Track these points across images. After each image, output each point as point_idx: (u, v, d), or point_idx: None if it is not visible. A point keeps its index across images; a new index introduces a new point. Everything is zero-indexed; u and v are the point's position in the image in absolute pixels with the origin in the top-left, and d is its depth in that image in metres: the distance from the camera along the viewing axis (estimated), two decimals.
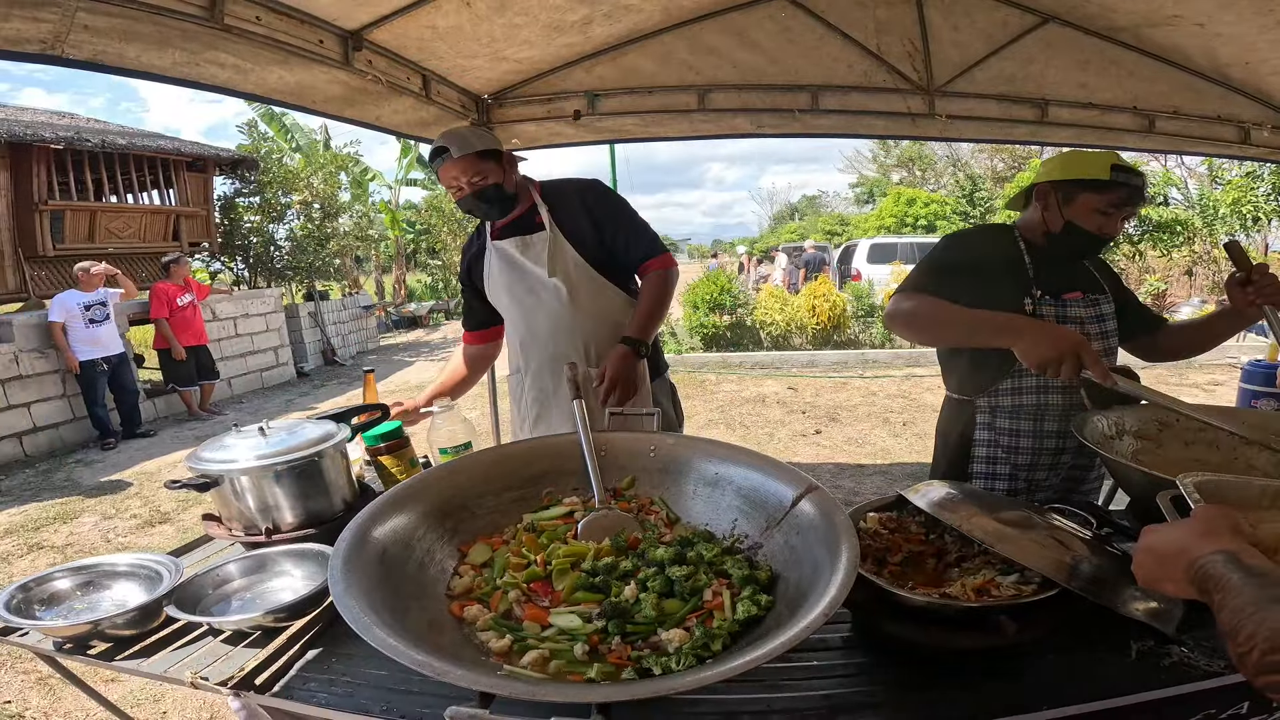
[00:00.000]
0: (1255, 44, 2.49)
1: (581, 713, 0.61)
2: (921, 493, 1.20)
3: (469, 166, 1.82)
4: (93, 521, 4.51)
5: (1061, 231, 1.65)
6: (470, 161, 1.81)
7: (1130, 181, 1.58)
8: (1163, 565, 0.70)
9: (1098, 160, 1.61)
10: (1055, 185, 1.64)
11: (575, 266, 1.91)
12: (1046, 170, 1.69)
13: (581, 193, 1.97)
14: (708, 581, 0.93)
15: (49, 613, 1.19)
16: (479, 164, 1.82)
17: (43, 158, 7.18)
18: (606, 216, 1.94)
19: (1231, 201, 11.14)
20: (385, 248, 18.11)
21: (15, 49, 1.46)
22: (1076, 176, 1.61)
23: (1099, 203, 1.59)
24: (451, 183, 1.85)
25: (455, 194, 1.88)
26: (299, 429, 1.52)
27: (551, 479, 1.23)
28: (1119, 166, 1.57)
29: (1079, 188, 1.60)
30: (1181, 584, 0.67)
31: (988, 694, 0.91)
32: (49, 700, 2.52)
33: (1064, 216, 1.64)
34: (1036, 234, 1.71)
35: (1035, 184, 1.71)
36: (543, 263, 1.89)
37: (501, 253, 1.96)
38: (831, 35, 2.87)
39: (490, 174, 1.84)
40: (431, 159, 1.85)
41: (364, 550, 0.89)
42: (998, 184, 21.34)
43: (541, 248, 1.90)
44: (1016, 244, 1.72)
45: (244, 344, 8.91)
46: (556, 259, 1.90)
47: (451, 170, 1.82)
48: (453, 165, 1.81)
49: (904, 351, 9.23)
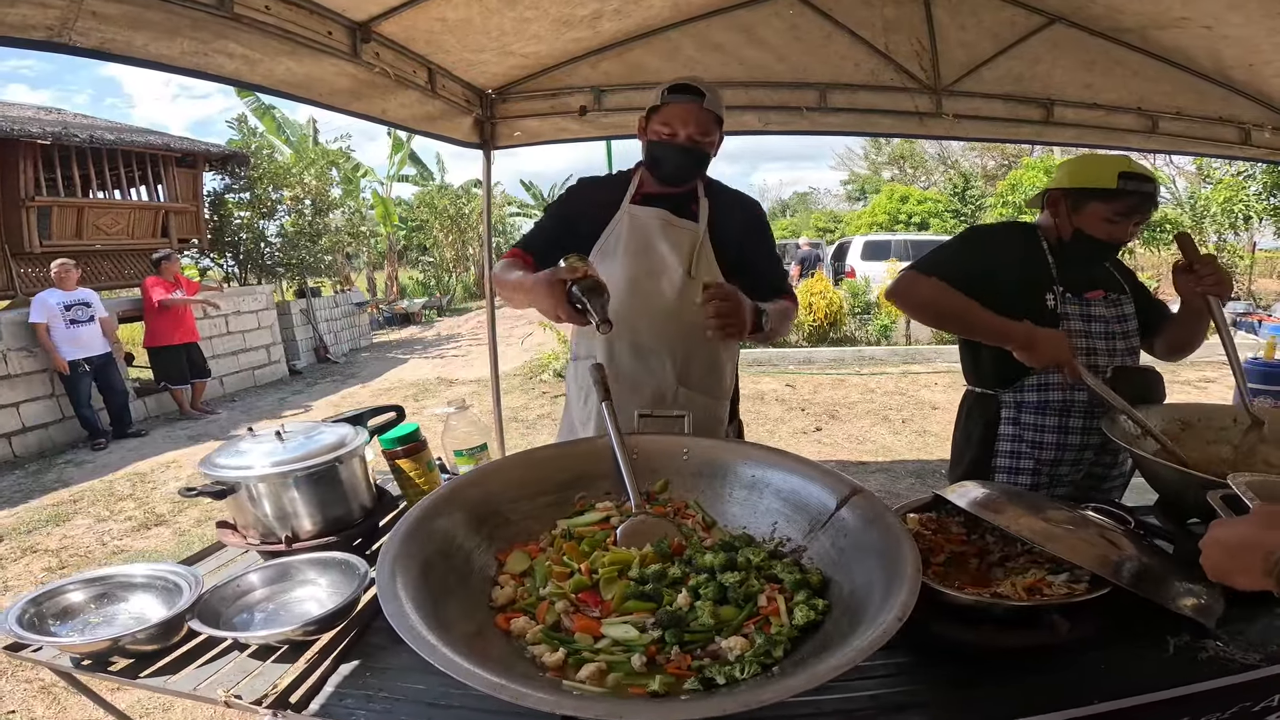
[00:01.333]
0: (1260, 46, 2.50)
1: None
2: (960, 493, 1.19)
3: (706, 121, 1.66)
4: (86, 524, 4.43)
5: (1072, 239, 1.66)
6: (711, 118, 1.67)
7: (1140, 189, 1.57)
8: (1234, 558, 0.72)
9: (1106, 167, 1.60)
10: (1065, 193, 1.65)
11: (706, 267, 1.76)
12: (1058, 177, 1.70)
13: (741, 204, 1.86)
14: (760, 587, 0.91)
15: (64, 627, 1.14)
16: (713, 127, 1.68)
17: (29, 153, 7.04)
18: (758, 237, 1.85)
19: (1223, 200, 11.26)
20: (377, 244, 17.97)
21: (20, 35, 1.41)
22: (1084, 185, 1.61)
23: (1107, 211, 1.59)
24: (674, 123, 1.65)
25: (662, 134, 1.68)
26: (316, 433, 1.48)
27: (584, 483, 1.21)
28: (1127, 174, 1.56)
29: (1087, 196, 1.61)
30: (1255, 575, 0.68)
31: (1031, 691, 0.92)
32: (54, 710, 2.47)
33: (1073, 224, 1.65)
34: (1052, 236, 1.73)
35: (1048, 189, 1.72)
36: (682, 253, 1.73)
37: (637, 220, 1.75)
38: (839, 33, 2.85)
39: (712, 143, 1.71)
40: (669, 91, 1.67)
41: (410, 564, 0.86)
42: (989, 182, 21.48)
43: (687, 239, 1.74)
44: (1040, 243, 1.73)
45: (235, 341, 8.80)
46: (701, 258, 1.75)
47: (684, 113, 1.65)
48: (691, 110, 1.64)
49: (900, 349, 9.27)
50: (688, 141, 1.67)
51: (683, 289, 1.72)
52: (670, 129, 1.66)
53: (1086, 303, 1.70)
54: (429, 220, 18.81)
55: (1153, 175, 1.64)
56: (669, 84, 1.69)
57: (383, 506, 1.56)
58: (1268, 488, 0.97)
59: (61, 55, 1.53)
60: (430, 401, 7.47)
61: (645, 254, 1.74)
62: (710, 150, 1.72)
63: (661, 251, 1.74)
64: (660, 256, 1.74)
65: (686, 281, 1.72)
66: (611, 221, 1.77)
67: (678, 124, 1.66)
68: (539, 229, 1.85)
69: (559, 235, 1.77)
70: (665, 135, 1.67)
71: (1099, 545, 1.01)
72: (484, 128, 3.23)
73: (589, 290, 1.32)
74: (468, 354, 10.92)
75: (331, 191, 12.86)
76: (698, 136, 1.66)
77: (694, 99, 1.65)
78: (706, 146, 1.70)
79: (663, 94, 1.68)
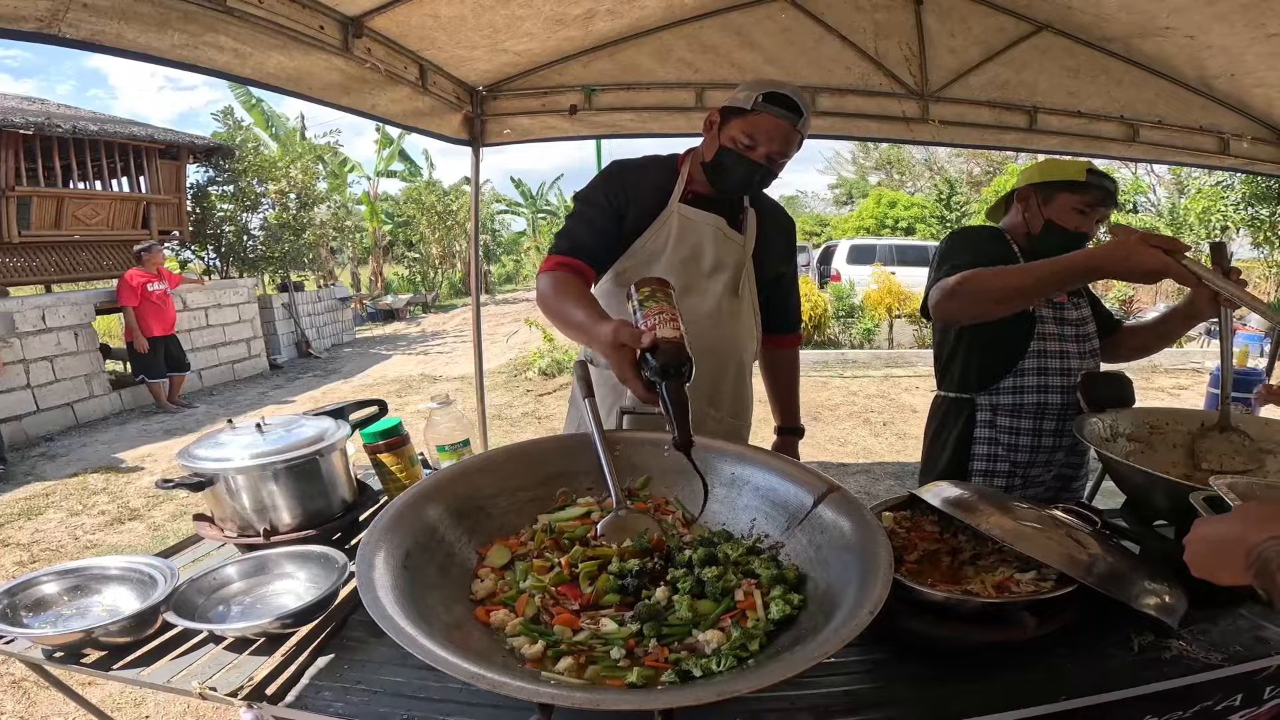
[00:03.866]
0: (1243, 56, 2.56)
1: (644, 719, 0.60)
2: (934, 492, 1.21)
3: (791, 140, 1.50)
4: (59, 518, 4.36)
5: (1042, 231, 1.73)
6: (796, 139, 1.51)
7: (1103, 184, 1.69)
8: (1218, 554, 0.74)
9: (1073, 165, 1.77)
10: (1036, 188, 1.74)
11: (749, 287, 1.67)
12: (1026, 176, 1.79)
13: (783, 223, 1.75)
14: (737, 582, 0.92)
15: (36, 619, 1.12)
16: (793, 149, 1.53)
17: (11, 143, 6.92)
18: (789, 260, 1.74)
19: (1201, 210, 11.48)
20: (362, 239, 17.82)
21: (11, 27, 1.40)
22: (1055, 179, 1.72)
23: (1076, 202, 1.68)
24: (759, 136, 1.47)
25: (740, 144, 1.49)
26: (297, 426, 1.47)
27: (565, 479, 1.21)
28: (1093, 170, 1.70)
29: (1057, 188, 1.70)
30: (1237, 570, 0.70)
31: (999, 687, 0.94)
32: (24, 705, 2.43)
33: (1044, 216, 1.72)
34: (1019, 236, 1.78)
35: (1016, 189, 1.81)
36: (726, 267, 1.61)
37: (690, 223, 1.59)
38: (830, 37, 2.89)
39: (784, 165, 1.56)
40: (764, 99, 1.47)
41: (390, 557, 0.86)
42: (974, 188, 21.73)
43: (734, 253, 1.62)
44: (1011, 246, 1.77)
45: (215, 335, 8.70)
46: (745, 276, 1.64)
47: (773, 129, 1.47)
48: (782, 127, 1.47)
49: (883, 352, 9.37)
50: (764, 159, 1.50)
51: (722, 305, 1.61)
52: (752, 141, 1.48)
53: (1059, 306, 1.75)
54: (416, 216, 18.67)
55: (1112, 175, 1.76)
56: (763, 89, 1.48)
57: (363, 501, 1.55)
58: (1248, 489, 1.00)
59: (46, 46, 1.52)
60: (414, 398, 7.43)
61: (694, 263, 1.59)
62: (777, 171, 1.55)
63: (709, 263, 1.60)
64: (707, 269, 1.60)
65: (729, 299, 1.62)
66: (661, 215, 1.58)
67: (762, 138, 1.47)
68: (586, 224, 1.57)
69: (610, 229, 1.57)
70: (743, 146, 1.49)
71: (1066, 544, 1.03)
72: (474, 124, 3.22)
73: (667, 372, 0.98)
74: (452, 351, 10.86)
75: (318, 185, 12.74)
76: (777, 156, 1.50)
77: (791, 117, 1.47)
78: (780, 167, 1.54)
79: (756, 100, 1.47)
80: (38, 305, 6.56)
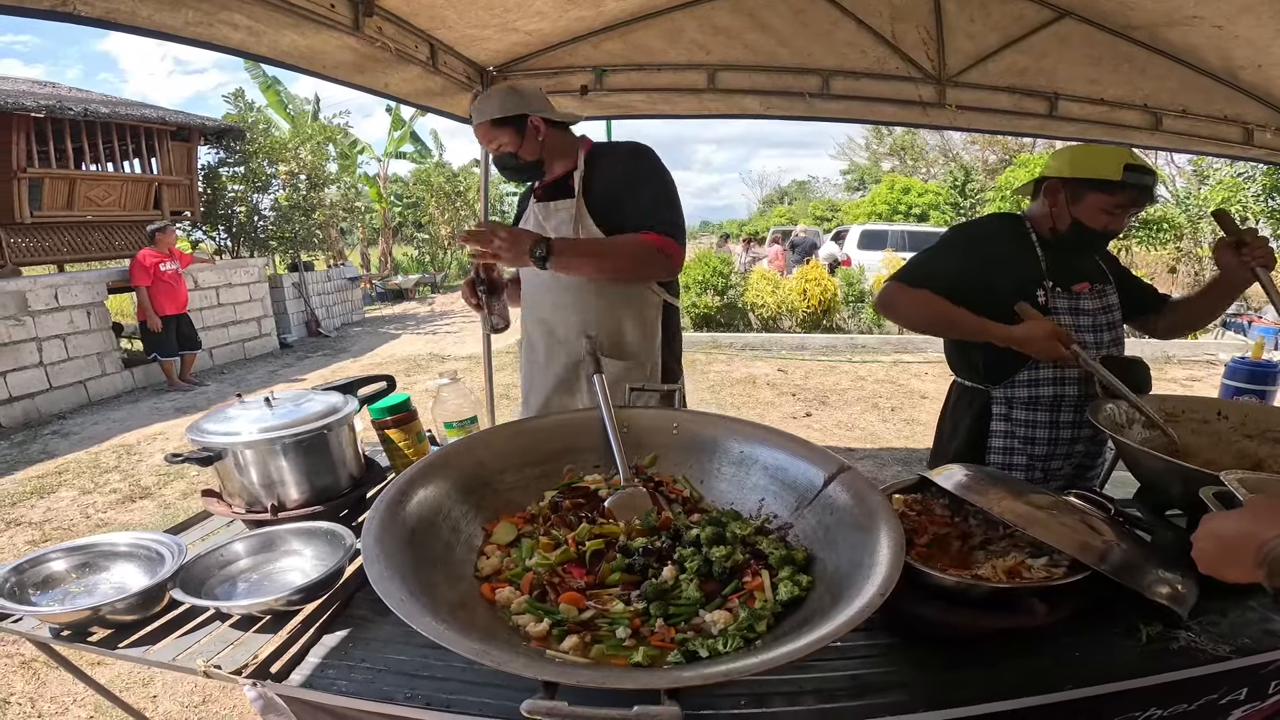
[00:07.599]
0: (1270, 47, 2.49)
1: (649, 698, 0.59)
2: (946, 475, 1.20)
3: (485, 134, 1.81)
4: (71, 496, 4.40)
5: (1068, 230, 1.64)
6: (484, 129, 1.80)
7: (1142, 181, 1.55)
8: (1228, 550, 0.72)
9: (1110, 159, 1.56)
10: (1064, 183, 1.62)
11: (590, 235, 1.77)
12: (1057, 165, 1.66)
13: (630, 157, 1.81)
14: (745, 562, 0.91)
15: (44, 596, 1.12)
16: (492, 131, 1.78)
17: (22, 126, 6.94)
18: (636, 183, 1.77)
19: (1221, 200, 11.27)
20: (371, 220, 17.82)
21: (25, 4, 1.38)
22: (1087, 175, 1.58)
23: (1107, 203, 1.57)
24: (482, 145, 1.88)
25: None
26: (305, 400, 1.47)
27: (572, 455, 1.21)
28: (1133, 166, 1.54)
29: (1088, 187, 1.58)
30: (1248, 568, 0.68)
31: (1007, 673, 0.93)
32: (34, 685, 2.46)
33: (1071, 215, 1.62)
34: (1044, 227, 1.70)
35: (1045, 178, 1.69)
36: (563, 232, 1.77)
37: (531, 216, 1.88)
38: (845, 20, 2.83)
39: (506, 142, 1.78)
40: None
41: (394, 532, 0.85)
42: (989, 176, 21.42)
43: (566, 216, 1.79)
44: (1028, 235, 1.71)
45: (226, 314, 8.74)
46: (580, 227, 1.77)
47: (477, 134, 1.84)
48: (477, 130, 1.82)
49: (892, 337, 9.28)
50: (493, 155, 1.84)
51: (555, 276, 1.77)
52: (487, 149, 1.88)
53: (1075, 296, 1.69)
54: (425, 197, 18.65)
55: (1153, 168, 1.63)
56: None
57: (371, 477, 1.55)
58: (1258, 484, 0.98)
59: (54, 30, 1.51)
60: (422, 376, 7.45)
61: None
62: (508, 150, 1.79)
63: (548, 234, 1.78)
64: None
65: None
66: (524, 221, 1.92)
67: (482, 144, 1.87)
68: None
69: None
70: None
71: (1080, 530, 1.01)
72: None
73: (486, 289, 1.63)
74: (460, 330, 10.88)
75: (328, 166, 12.72)
76: (493, 147, 1.81)
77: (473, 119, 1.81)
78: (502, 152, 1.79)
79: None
80: (50, 284, 6.61)
